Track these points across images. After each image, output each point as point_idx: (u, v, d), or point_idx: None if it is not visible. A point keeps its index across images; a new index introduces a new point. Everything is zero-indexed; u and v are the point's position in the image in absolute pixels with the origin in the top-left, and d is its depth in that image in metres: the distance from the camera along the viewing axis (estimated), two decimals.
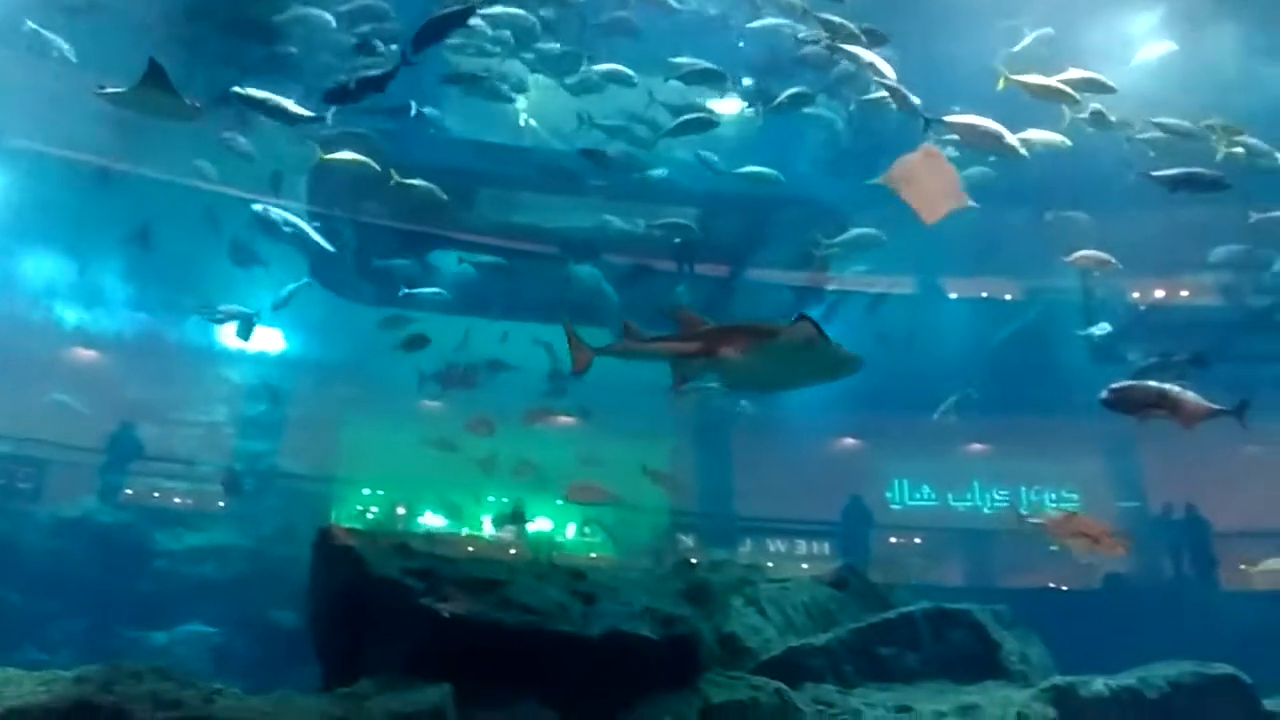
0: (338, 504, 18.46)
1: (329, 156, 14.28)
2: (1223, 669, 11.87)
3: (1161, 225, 16.92)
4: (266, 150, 15.13)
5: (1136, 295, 20.00)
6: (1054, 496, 20.51)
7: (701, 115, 15.51)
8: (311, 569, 11.50)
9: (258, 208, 14.21)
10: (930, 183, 8.90)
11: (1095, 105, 13.54)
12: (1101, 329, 17.58)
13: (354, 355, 19.25)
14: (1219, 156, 14.11)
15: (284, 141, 15.22)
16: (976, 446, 20.65)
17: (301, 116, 12.27)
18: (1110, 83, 13.08)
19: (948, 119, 12.41)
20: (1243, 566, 17.13)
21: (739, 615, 12.58)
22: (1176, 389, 10.11)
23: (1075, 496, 20.28)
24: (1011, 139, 12.77)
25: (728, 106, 18.48)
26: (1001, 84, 12.61)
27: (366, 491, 19.11)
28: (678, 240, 17.95)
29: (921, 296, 19.95)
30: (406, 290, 16.90)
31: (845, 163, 18.29)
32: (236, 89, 12.28)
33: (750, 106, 16.64)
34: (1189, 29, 15.92)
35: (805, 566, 19.12)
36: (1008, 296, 20.24)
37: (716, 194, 17.94)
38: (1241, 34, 15.71)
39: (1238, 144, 13.98)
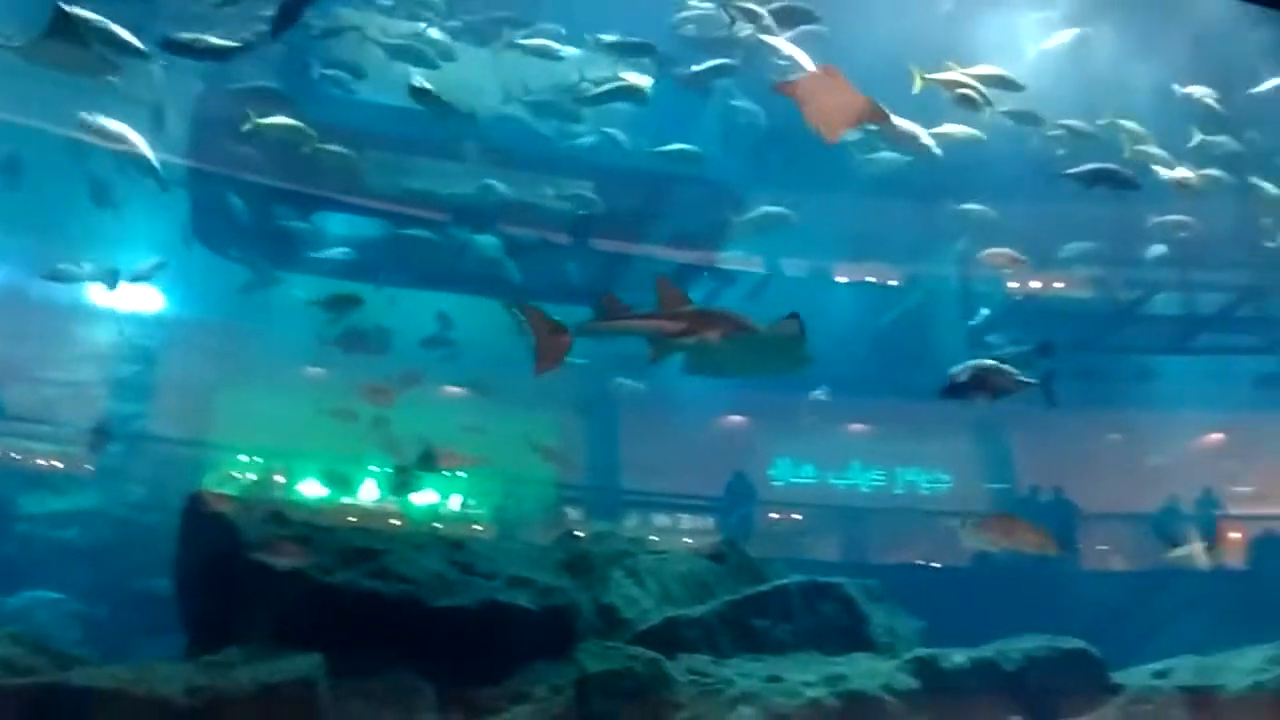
0: (211, 470, 17.91)
1: (262, 121, 13.77)
2: (1075, 643, 12.47)
3: (1038, 218, 17.54)
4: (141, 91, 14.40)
5: (1014, 285, 20.75)
6: (929, 477, 21.24)
7: (628, 85, 15.41)
8: (180, 535, 11.20)
9: (84, 116, 12.97)
10: (829, 100, 9.05)
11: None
12: (980, 318, 18.26)
13: (234, 317, 18.67)
14: (1125, 155, 14.81)
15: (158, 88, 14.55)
16: (857, 427, 21.21)
17: (231, 49, 11.77)
18: (1018, 81, 13.63)
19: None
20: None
21: (618, 586, 12.68)
22: (993, 365, 10.57)
23: (948, 477, 21.02)
24: (927, 138, 13.30)
25: (636, 79, 18.41)
26: (918, 84, 12.96)
27: (243, 458, 18.57)
28: (577, 213, 17.85)
29: (809, 279, 20.31)
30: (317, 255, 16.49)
31: (742, 143, 18.48)
32: (170, 36, 11.76)
33: (664, 77, 16.59)
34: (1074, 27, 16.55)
35: (688, 541, 19.35)
36: (891, 282, 20.77)
37: (613, 168, 17.91)
38: (1117, 35, 16.38)
39: (1141, 147, 14.76)
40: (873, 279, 21.39)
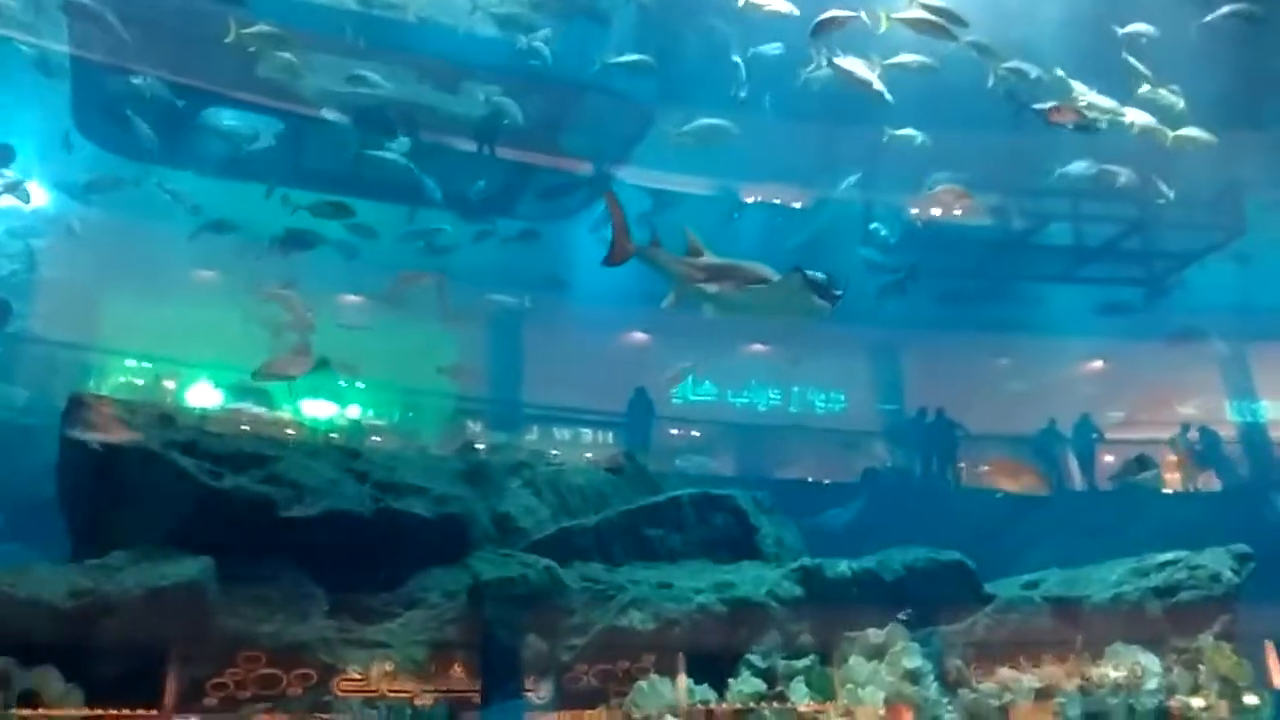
0: (98, 374, 17.32)
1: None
2: (952, 555, 13.11)
3: (943, 145, 17.79)
4: None
5: (915, 211, 21.10)
6: (824, 397, 21.75)
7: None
8: (62, 439, 10.87)
9: None
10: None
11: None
12: (878, 233, 18.57)
13: (123, 216, 17.89)
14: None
15: None
16: (757, 347, 21.50)
17: None
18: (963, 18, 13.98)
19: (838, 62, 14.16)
20: None
21: (515, 496, 12.83)
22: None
23: (841, 397, 21.56)
24: (879, 85, 14.30)
25: None
26: (885, 24, 13.62)
27: (131, 363, 18.00)
28: (482, 117, 17.42)
29: (716, 199, 20.31)
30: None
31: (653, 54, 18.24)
32: None
33: None
34: None
35: (589, 455, 19.54)
36: (797, 205, 20.91)
37: (522, 73, 17.51)
38: None
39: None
40: (779, 201, 21.47)
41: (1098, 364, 22.11)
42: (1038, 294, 20.50)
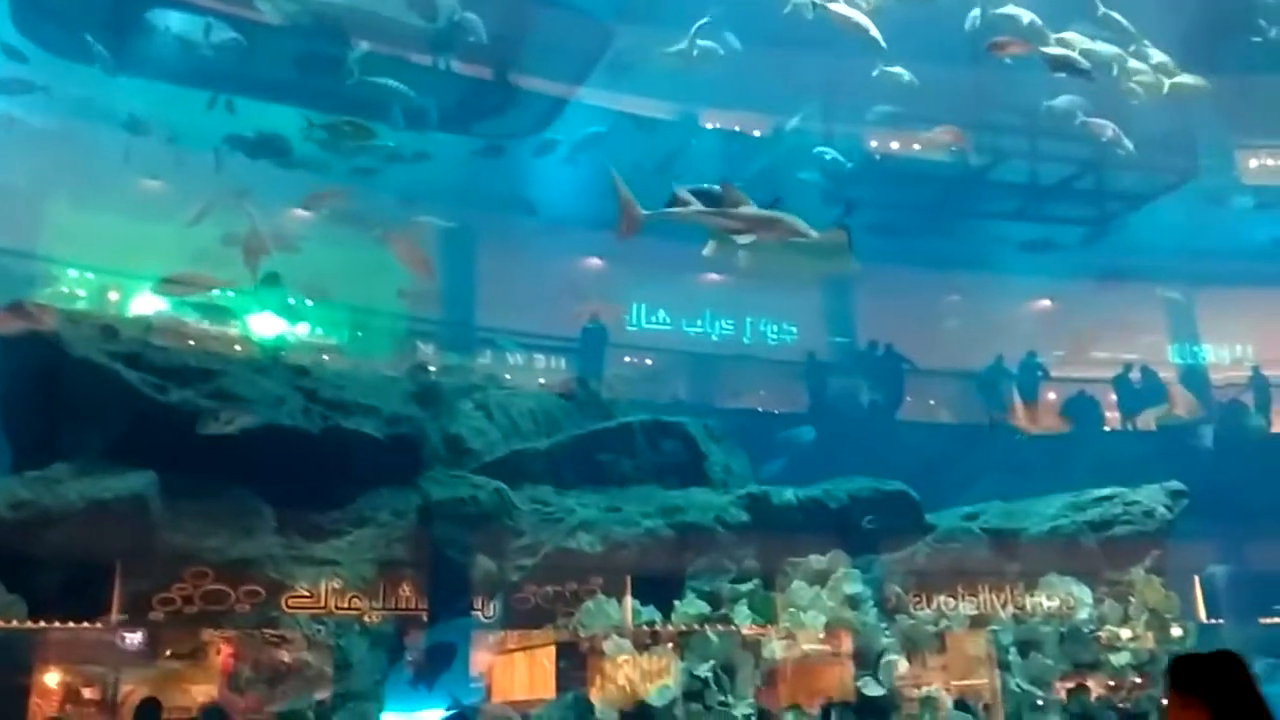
0: (39, 283, 16.81)
1: None
2: (895, 485, 13.39)
3: (900, 83, 17.68)
4: None
5: (874, 144, 21.04)
6: (775, 328, 21.83)
7: None
8: (1, 346, 10.59)
9: None
10: None
11: None
12: (830, 157, 18.55)
13: (65, 120, 17.23)
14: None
15: None
16: (711, 276, 21.46)
17: None
18: None
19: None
20: None
21: (466, 418, 12.81)
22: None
23: (794, 329, 21.65)
24: (874, 31, 14.99)
25: None
26: None
27: (74, 273, 17.50)
28: (438, 30, 16.91)
29: (676, 124, 20.07)
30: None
31: None
32: None
33: None
34: None
35: (542, 380, 19.49)
36: (756, 132, 20.73)
37: None
38: None
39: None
40: (738, 127, 21.26)
41: (1045, 303, 22.40)
42: (990, 231, 20.62)
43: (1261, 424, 19.29)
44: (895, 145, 21.39)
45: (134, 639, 9.73)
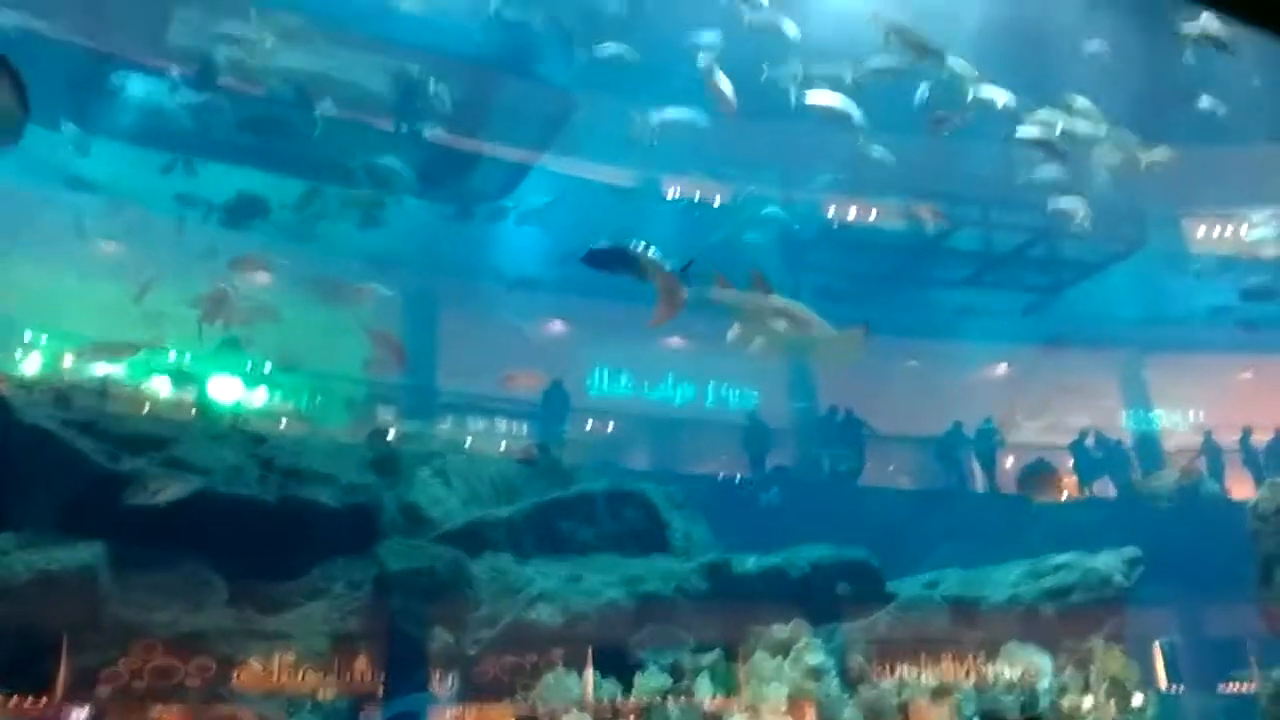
0: None
1: None
2: (857, 553, 13.40)
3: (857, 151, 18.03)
4: None
5: (832, 212, 21.37)
6: (737, 393, 21.90)
7: None
8: None
9: None
10: None
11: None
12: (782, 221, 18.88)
13: (16, 180, 17.07)
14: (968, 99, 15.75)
15: None
16: (674, 341, 21.54)
17: None
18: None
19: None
20: None
21: (425, 486, 12.69)
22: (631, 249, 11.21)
23: (755, 394, 21.72)
24: (855, 112, 15.60)
25: None
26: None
27: (27, 336, 17.21)
28: (401, 95, 17.07)
29: (639, 191, 20.27)
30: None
31: (576, 44, 18.12)
32: None
33: None
34: None
35: (503, 446, 19.38)
36: (718, 200, 20.98)
37: (445, 52, 17.22)
38: None
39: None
40: (699, 195, 21.52)
41: (1002, 369, 22.70)
42: (945, 298, 20.95)
43: (1216, 489, 19.55)
44: (853, 213, 21.75)
45: (80, 716, 9.42)
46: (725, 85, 14.45)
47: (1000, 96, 16.06)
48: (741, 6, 15.09)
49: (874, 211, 21.55)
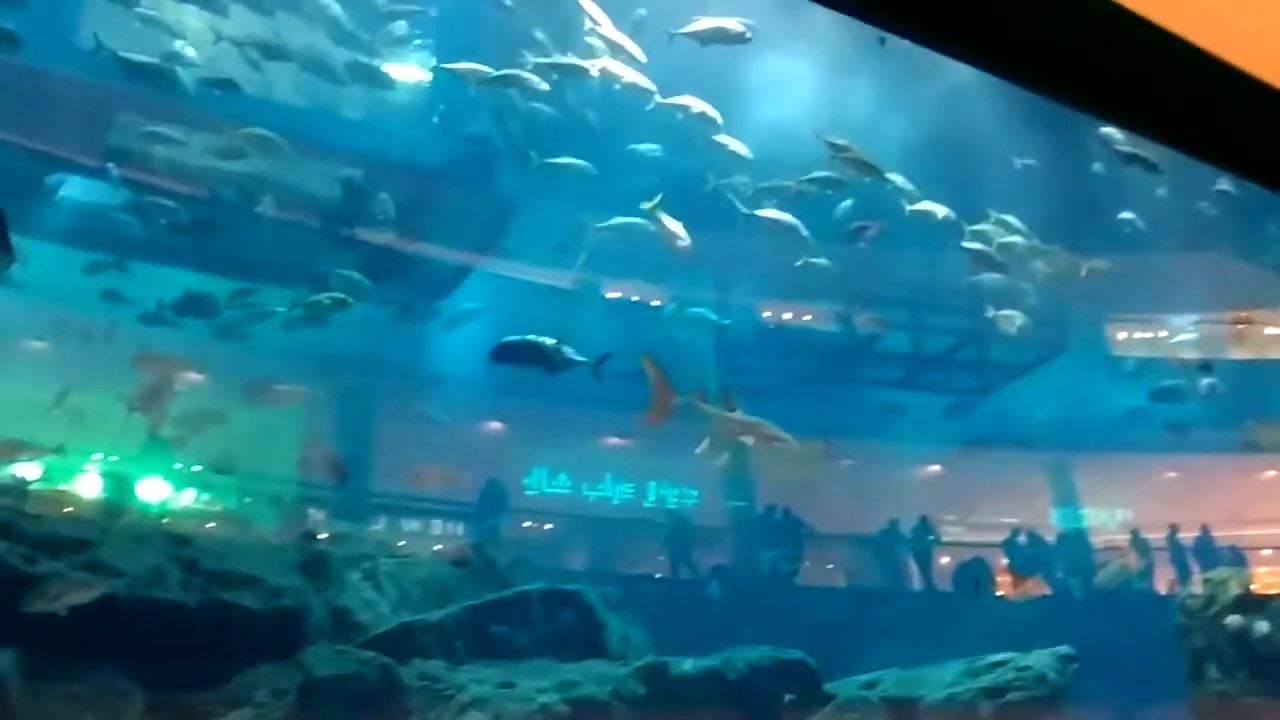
0: None
1: None
2: (794, 654, 13.31)
3: (796, 253, 18.50)
4: None
5: (767, 315, 21.83)
6: (677, 492, 21.92)
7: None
8: None
9: None
10: None
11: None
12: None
13: None
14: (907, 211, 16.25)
15: None
16: (613, 440, 21.59)
17: None
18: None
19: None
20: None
21: (355, 589, 12.42)
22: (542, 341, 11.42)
23: (695, 493, 21.77)
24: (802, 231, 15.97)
25: (406, 72, 18.11)
26: None
27: None
28: (340, 198, 17.25)
29: (578, 292, 20.51)
30: None
31: (519, 152, 18.52)
32: None
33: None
34: (834, 78, 17.71)
35: (437, 547, 19.08)
36: (655, 302, 21.31)
37: (384, 158, 17.50)
38: (874, 87, 17.67)
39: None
40: (638, 298, 21.85)
41: (935, 468, 23.05)
42: (878, 399, 21.38)
43: (1145, 586, 19.85)
44: (788, 315, 22.23)
45: None
46: (673, 225, 14.89)
47: (939, 209, 16.65)
48: (702, 126, 15.47)
49: (808, 315, 22.06)
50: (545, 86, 15.03)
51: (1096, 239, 19.54)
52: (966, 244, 17.08)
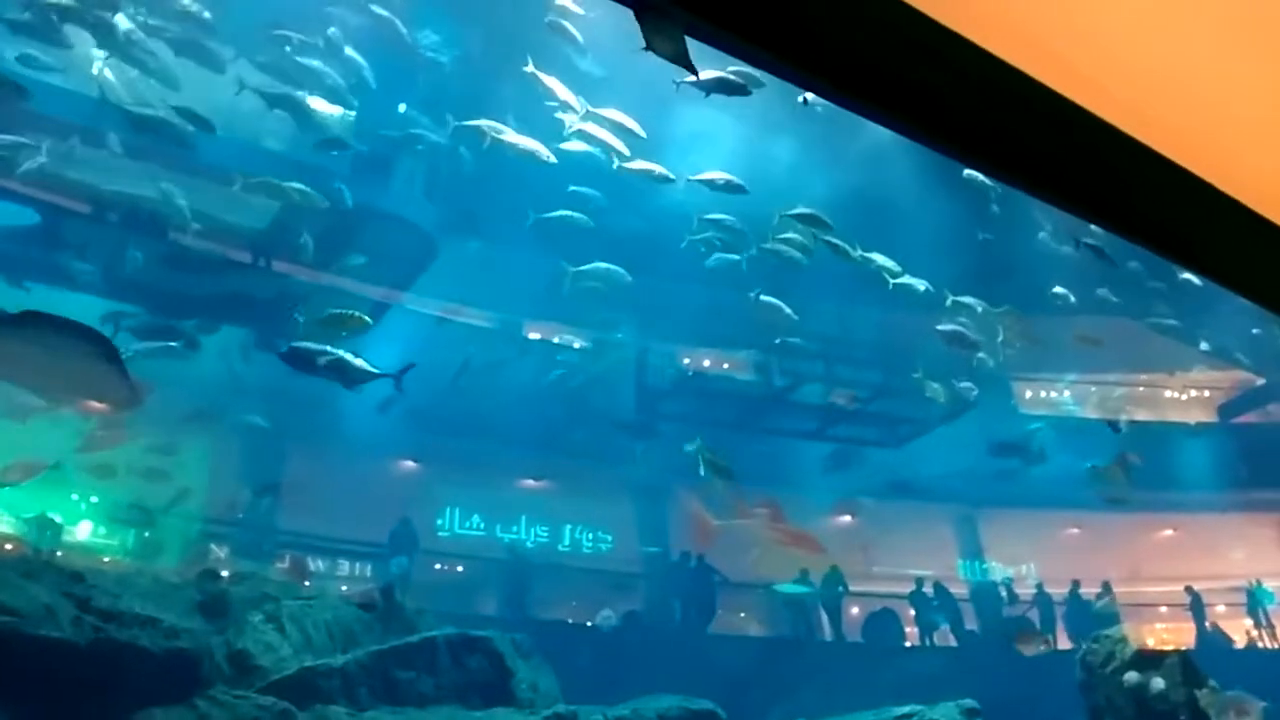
0: None
1: None
2: (704, 703, 13.26)
3: (713, 303, 18.70)
4: None
5: (687, 361, 21.98)
6: (591, 536, 21.78)
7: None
8: None
9: None
10: None
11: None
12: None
13: None
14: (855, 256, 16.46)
15: None
16: (529, 482, 21.41)
17: None
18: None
19: None
20: None
21: (256, 631, 12.00)
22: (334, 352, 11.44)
23: (609, 538, 21.64)
24: None
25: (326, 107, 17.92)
26: None
27: None
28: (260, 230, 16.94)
29: (496, 331, 20.41)
30: None
31: (443, 188, 18.45)
32: None
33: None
34: (759, 135, 18.04)
35: (345, 588, 18.59)
36: (577, 345, 21.29)
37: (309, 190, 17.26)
38: (799, 147, 18.06)
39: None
40: (558, 340, 21.81)
41: (847, 518, 23.32)
42: (792, 448, 21.62)
43: (1048, 640, 20.24)
44: (707, 363, 22.41)
45: None
46: None
47: (919, 284, 17.11)
48: (659, 186, 15.66)
49: (726, 363, 22.27)
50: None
51: (1010, 297, 20.18)
52: (941, 327, 17.51)
